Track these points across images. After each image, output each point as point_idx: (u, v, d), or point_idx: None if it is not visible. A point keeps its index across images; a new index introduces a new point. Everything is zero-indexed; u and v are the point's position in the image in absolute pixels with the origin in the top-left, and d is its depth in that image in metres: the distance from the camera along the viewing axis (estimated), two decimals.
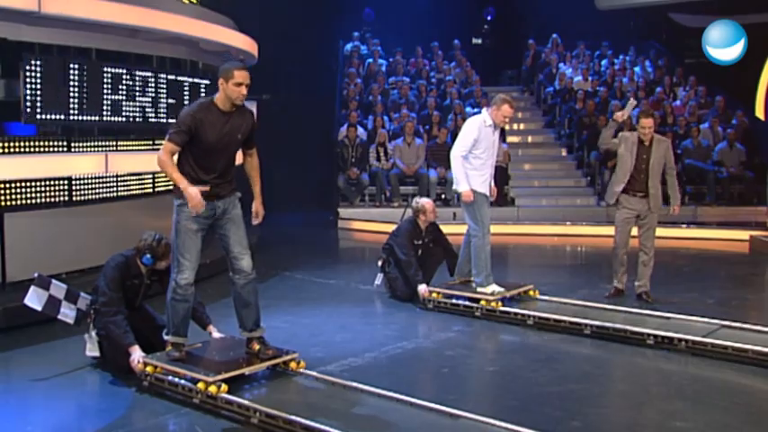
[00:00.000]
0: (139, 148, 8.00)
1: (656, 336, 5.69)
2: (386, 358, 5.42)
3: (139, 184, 8.11)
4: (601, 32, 17.06)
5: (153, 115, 8.06)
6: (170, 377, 4.60)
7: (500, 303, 6.46)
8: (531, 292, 6.88)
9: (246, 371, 4.64)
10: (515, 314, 6.36)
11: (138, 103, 7.83)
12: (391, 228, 11.46)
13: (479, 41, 19.42)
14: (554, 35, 17.14)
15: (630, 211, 7.18)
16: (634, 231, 7.30)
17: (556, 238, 11.44)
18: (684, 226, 11.57)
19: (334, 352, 5.48)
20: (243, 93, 4.51)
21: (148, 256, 5.09)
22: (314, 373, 4.74)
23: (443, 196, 12.70)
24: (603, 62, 16.75)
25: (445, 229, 11.55)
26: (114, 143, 7.67)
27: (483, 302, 6.48)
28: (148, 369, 4.67)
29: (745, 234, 10.72)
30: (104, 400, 4.70)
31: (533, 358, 5.75)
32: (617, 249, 7.23)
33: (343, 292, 7.63)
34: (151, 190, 8.31)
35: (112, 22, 7.29)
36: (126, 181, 7.88)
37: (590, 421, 4.33)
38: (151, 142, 8.16)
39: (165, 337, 4.81)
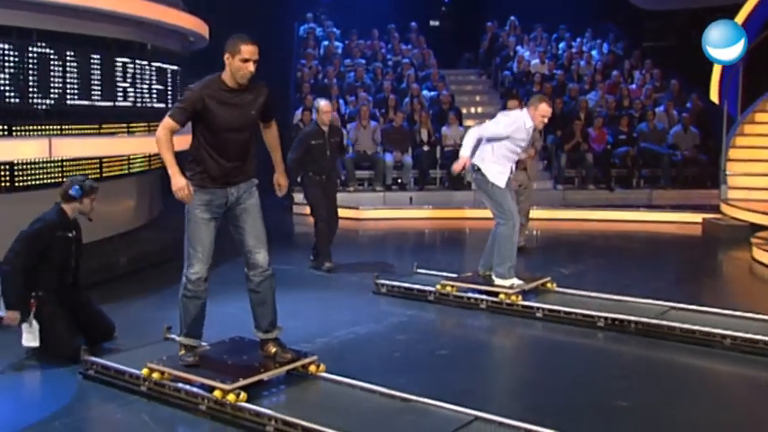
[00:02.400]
0: (86, 132, 7.90)
1: (606, 318, 5.83)
2: (338, 343, 5.48)
3: (86, 170, 8.01)
4: (558, 15, 17.23)
5: (99, 99, 7.97)
6: (179, 384, 4.31)
7: (519, 297, 6.24)
8: (549, 285, 6.67)
9: (265, 376, 4.35)
10: (469, 298, 6.46)
11: (83, 87, 7.73)
12: (349, 213, 11.60)
13: (437, 24, 19.48)
14: (512, 18, 17.27)
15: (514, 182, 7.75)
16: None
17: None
18: (640, 209, 11.85)
19: (286, 338, 5.42)
20: (250, 69, 4.24)
21: (76, 187, 5.00)
22: (336, 377, 4.47)
23: (399, 180, 12.78)
24: (561, 45, 16.93)
25: (399, 213, 11.84)
26: (59, 127, 7.57)
27: (502, 296, 6.26)
28: (154, 376, 4.38)
29: (698, 217, 10.97)
30: (47, 391, 4.68)
31: (484, 341, 5.88)
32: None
33: (297, 278, 7.65)
34: (98, 175, 8.22)
35: (50, 2, 7.15)
36: (72, 166, 7.78)
37: (535, 402, 4.45)
38: (98, 127, 8.06)
39: (177, 339, 4.56)
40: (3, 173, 7.01)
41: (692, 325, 5.53)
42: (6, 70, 6.91)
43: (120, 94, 8.31)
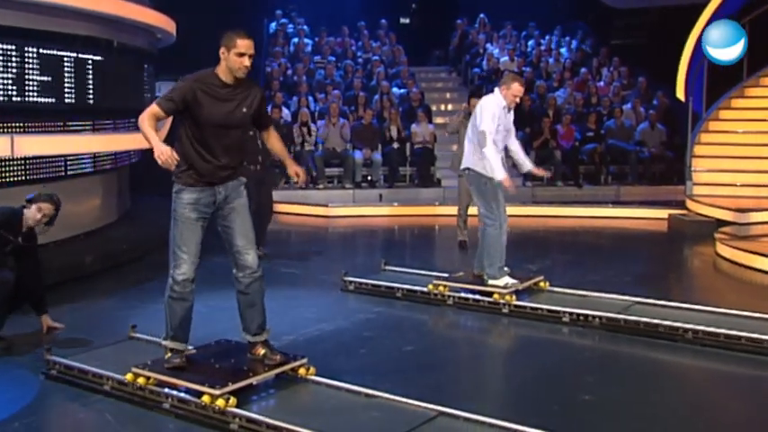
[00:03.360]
0: (50, 129, 7.81)
1: (571, 313, 5.89)
2: (304, 341, 5.48)
3: (51, 168, 7.93)
4: (528, 13, 17.33)
5: (63, 96, 7.88)
6: (174, 391, 4.18)
7: (513, 297, 6.16)
8: (542, 284, 6.59)
9: (254, 380, 4.25)
10: (437, 295, 6.49)
11: (47, 84, 7.64)
12: (319, 210, 11.60)
13: (407, 21, 19.50)
14: (481, 15, 17.35)
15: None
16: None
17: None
18: (607, 205, 11.97)
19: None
20: (245, 64, 4.14)
21: (32, 194, 5.04)
22: (327, 381, 4.38)
23: (369, 178, 12.79)
24: (530, 43, 17.03)
25: (369, 210, 11.84)
26: (22, 125, 7.48)
27: (496, 296, 6.19)
28: (140, 381, 4.25)
29: (664, 213, 11.11)
30: (8, 391, 4.61)
31: (451, 337, 5.91)
32: (462, 211, 8.69)
33: (266, 276, 7.60)
34: (63, 173, 8.13)
35: None
36: (36, 165, 7.69)
37: (500, 398, 4.50)
38: (62, 124, 7.97)
39: (163, 342, 4.41)
40: None
41: (656, 319, 5.60)
42: None
43: (86, 91, 8.22)
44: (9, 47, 7.18)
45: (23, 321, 5.54)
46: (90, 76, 8.26)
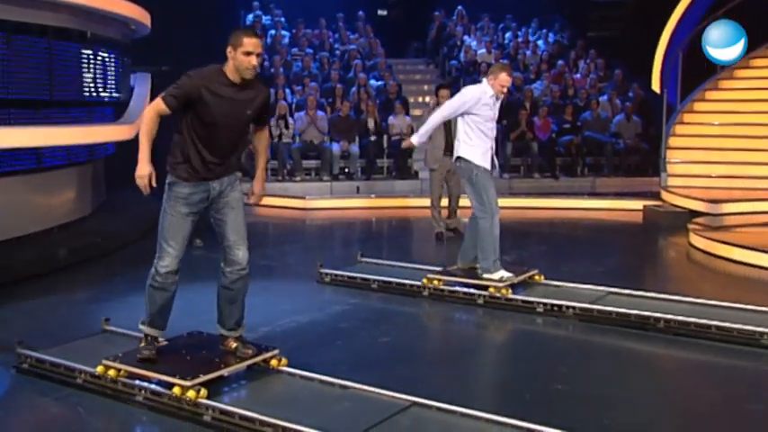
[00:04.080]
0: (23, 121, 7.74)
1: (545, 303, 5.93)
2: (280, 332, 5.48)
3: (24, 160, 7.86)
4: (505, 5, 17.37)
5: (38, 87, 7.81)
6: (137, 381, 4.17)
7: (509, 290, 6.11)
8: (537, 277, 6.55)
9: (225, 372, 4.24)
10: (411, 286, 6.51)
11: (21, 75, 7.57)
12: (296, 203, 11.58)
13: (384, 13, 19.46)
14: (459, 7, 17.36)
15: (443, 167, 8.73)
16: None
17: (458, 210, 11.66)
18: (584, 197, 12.05)
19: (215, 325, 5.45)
20: (253, 63, 4.04)
21: None
22: (300, 372, 4.36)
23: (347, 170, 12.79)
24: (507, 35, 17.08)
25: (346, 202, 11.84)
26: None
27: (491, 290, 6.12)
28: (110, 373, 4.24)
29: (639, 204, 11.20)
30: None
31: (427, 329, 5.94)
32: (435, 201, 8.93)
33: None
34: (37, 165, 8.07)
35: None
36: (9, 157, 7.62)
37: (473, 387, 4.51)
38: (35, 112, 7.90)
39: (140, 327, 4.41)
40: None
41: (628, 309, 5.65)
42: None
43: (60, 82, 8.15)
44: None
45: None
46: (64, 67, 8.19)
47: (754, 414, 4.19)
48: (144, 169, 4.06)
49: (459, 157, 6.41)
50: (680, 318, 5.43)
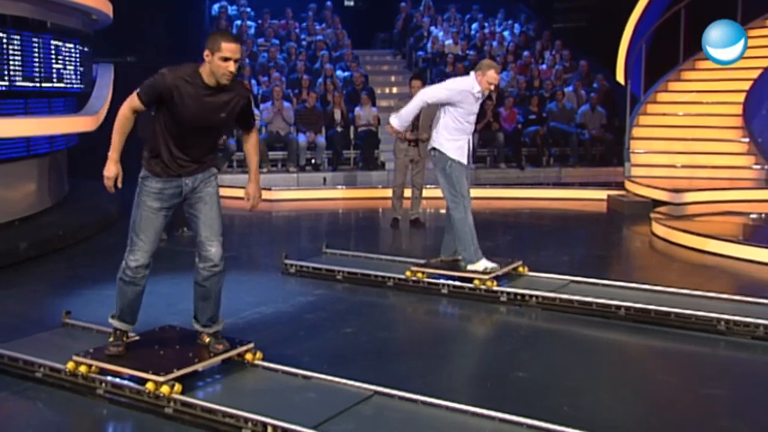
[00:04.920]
0: None
1: (508, 293, 5.98)
2: (243, 323, 5.46)
3: None
4: None
5: None
6: (108, 377, 4.10)
7: (494, 282, 6.05)
8: (521, 269, 6.52)
9: (200, 366, 4.17)
10: (376, 276, 6.52)
11: None
12: (263, 194, 11.49)
13: (351, 4, 19.41)
14: None
15: (407, 157, 8.97)
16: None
17: (425, 201, 11.70)
18: (549, 187, 12.16)
19: (181, 319, 5.25)
20: (231, 69, 3.91)
21: None
22: (273, 365, 4.32)
23: (313, 161, 12.76)
24: (474, 26, 17.12)
25: (313, 194, 11.81)
26: None
27: (476, 282, 6.09)
28: (81, 369, 4.15)
29: (603, 194, 11.32)
30: None
31: (391, 319, 5.95)
32: (397, 189, 9.15)
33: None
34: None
35: None
36: None
37: (435, 376, 4.52)
38: None
39: (110, 320, 4.33)
40: None
41: (590, 297, 5.71)
42: None
43: (18, 72, 8.02)
44: None
45: None
46: (23, 57, 8.06)
47: (711, 398, 4.26)
48: (111, 170, 4.02)
49: (434, 148, 6.38)
50: (640, 305, 5.50)
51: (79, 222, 8.65)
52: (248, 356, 4.40)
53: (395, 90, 15.62)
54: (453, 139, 6.29)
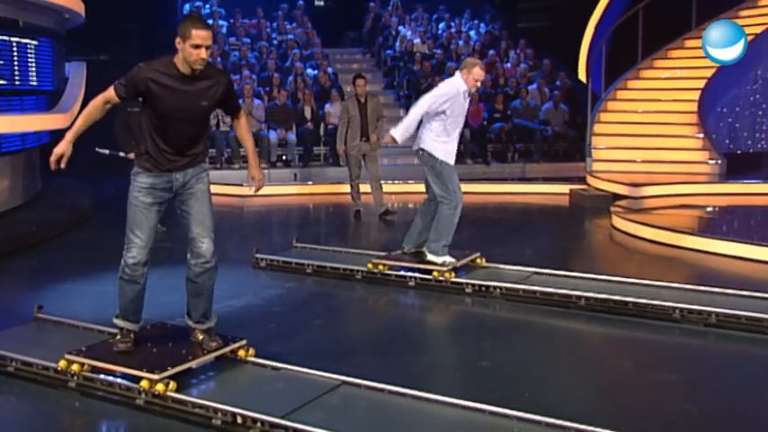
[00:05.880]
0: None
1: (473, 284, 6.01)
2: (226, 312, 5.40)
3: None
4: None
5: None
6: (102, 375, 4.02)
7: (453, 274, 6.10)
8: (479, 260, 6.57)
9: (194, 364, 4.09)
10: (345, 269, 6.52)
11: None
12: (234, 190, 11.46)
13: (321, 3, 19.36)
14: None
15: (360, 152, 9.20)
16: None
17: (394, 196, 11.72)
18: (514, 182, 12.24)
19: (163, 313, 5.36)
20: (202, 56, 3.83)
21: None
22: (265, 362, 4.25)
23: (284, 158, 12.72)
24: (441, 25, 17.16)
25: (284, 189, 11.77)
26: None
27: (435, 273, 6.12)
28: (74, 368, 4.04)
29: (566, 188, 11.41)
30: None
31: (360, 311, 5.96)
32: (353, 182, 9.36)
33: (177, 255, 7.49)
34: None
35: None
36: None
37: (401, 366, 4.54)
38: None
39: (114, 321, 4.25)
40: None
41: (551, 288, 5.77)
42: None
43: None
44: None
45: None
46: None
47: (665, 383, 4.33)
48: (61, 147, 3.89)
49: (421, 149, 6.28)
50: (599, 295, 5.57)
51: (52, 218, 8.55)
52: (241, 353, 4.31)
53: (367, 88, 15.54)
54: (441, 140, 6.22)
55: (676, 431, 3.55)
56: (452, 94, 6.15)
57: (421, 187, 11.72)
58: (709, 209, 9.89)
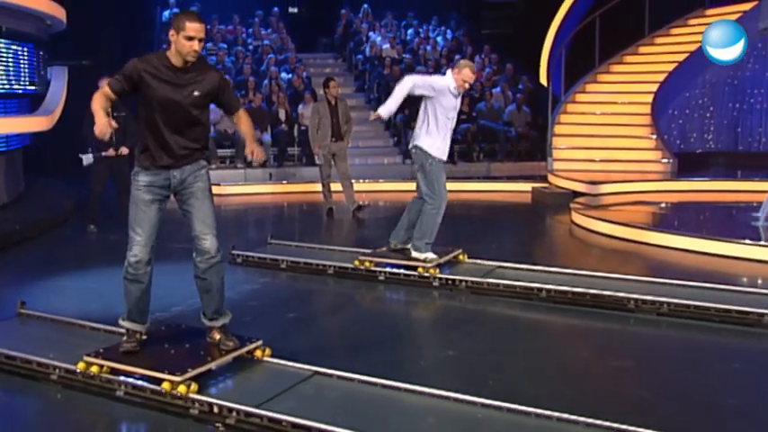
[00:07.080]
0: None
1: (440, 278, 6.03)
2: (192, 311, 5.35)
3: None
4: (407, 4, 17.48)
5: None
6: (121, 377, 3.88)
7: (437, 270, 6.08)
8: (461, 257, 6.54)
9: (213, 365, 3.97)
10: (318, 265, 6.51)
11: None
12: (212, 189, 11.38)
13: (295, 10, 19.28)
14: (365, 5, 17.35)
15: (330, 152, 9.18)
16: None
17: (365, 194, 11.72)
18: (479, 180, 12.29)
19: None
20: (195, 48, 3.81)
21: None
22: (282, 362, 4.14)
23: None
24: (409, 31, 17.17)
25: (259, 188, 11.72)
26: None
27: (420, 270, 6.08)
28: (92, 370, 3.93)
29: (528, 186, 11.50)
30: None
31: (332, 304, 5.96)
32: (324, 181, 9.32)
33: (159, 251, 7.44)
34: None
35: None
36: None
37: (370, 356, 4.55)
38: None
39: (120, 322, 4.16)
40: None
41: (514, 281, 5.81)
42: None
43: None
44: None
45: None
46: None
47: (620, 370, 4.38)
48: (101, 119, 3.78)
49: (415, 146, 6.26)
50: (560, 288, 5.62)
51: (35, 217, 8.42)
52: (258, 353, 4.20)
53: (339, 91, 15.50)
54: (434, 137, 6.17)
55: (631, 414, 3.59)
56: (439, 86, 6.12)
57: (391, 186, 11.86)
58: (663, 205, 10.02)
